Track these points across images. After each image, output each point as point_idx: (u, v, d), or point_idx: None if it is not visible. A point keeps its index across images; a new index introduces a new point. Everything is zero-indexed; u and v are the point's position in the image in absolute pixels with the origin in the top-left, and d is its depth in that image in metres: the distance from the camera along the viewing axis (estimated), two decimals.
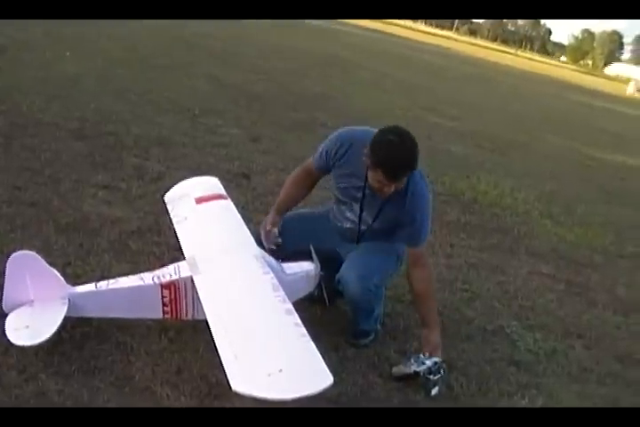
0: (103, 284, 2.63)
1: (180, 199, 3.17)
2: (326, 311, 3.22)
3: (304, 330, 2.17)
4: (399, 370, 2.88)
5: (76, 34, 9.41)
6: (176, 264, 2.72)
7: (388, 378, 2.88)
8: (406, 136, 2.75)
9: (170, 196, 3.28)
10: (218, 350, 2.11)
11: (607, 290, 4.72)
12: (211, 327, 2.23)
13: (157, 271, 2.70)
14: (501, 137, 10.85)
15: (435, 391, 2.82)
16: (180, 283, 2.63)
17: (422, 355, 2.87)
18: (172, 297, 2.64)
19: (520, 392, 3.04)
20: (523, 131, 12.30)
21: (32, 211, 3.71)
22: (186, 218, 3.00)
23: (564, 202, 7.09)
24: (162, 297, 2.63)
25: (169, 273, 2.67)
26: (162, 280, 2.63)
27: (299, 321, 2.22)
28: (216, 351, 2.11)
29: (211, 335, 2.19)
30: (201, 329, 2.51)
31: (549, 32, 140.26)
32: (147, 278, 2.65)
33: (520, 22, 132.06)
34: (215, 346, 2.13)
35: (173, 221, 3.03)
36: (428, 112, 11.28)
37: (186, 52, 11.20)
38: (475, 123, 11.73)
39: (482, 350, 3.38)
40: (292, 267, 2.85)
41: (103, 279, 2.69)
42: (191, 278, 2.57)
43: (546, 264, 4.96)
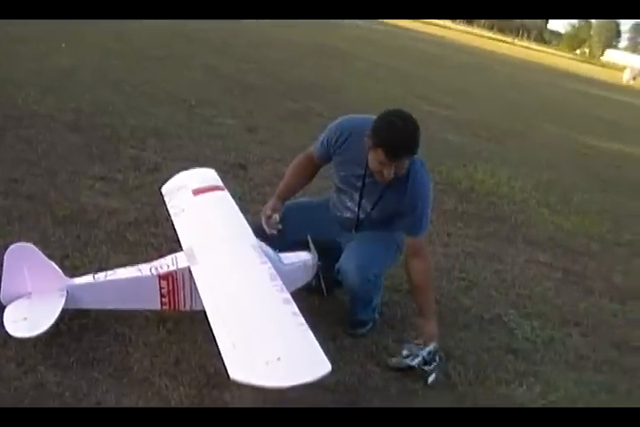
0: (101, 275, 2.63)
1: (178, 191, 3.17)
2: (324, 301, 3.23)
3: (302, 319, 2.18)
4: (395, 363, 2.89)
5: (71, 26, 9.35)
6: (174, 255, 2.72)
7: (386, 367, 2.89)
8: (409, 118, 2.77)
9: (167, 187, 3.29)
10: (216, 340, 2.11)
11: (604, 278, 4.73)
12: (209, 317, 2.23)
13: (155, 262, 2.70)
14: (498, 126, 10.84)
15: (431, 379, 2.84)
16: (178, 274, 2.63)
17: (416, 345, 2.88)
18: (170, 288, 2.64)
19: (518, 380, 3.06)
20: (519, 119, 12.28)
21: (29, 203, 3.70)
22: (183, 209, 3.00)
23: (561, 190, 7.09)
24: (160, 288, 2.64)
25: (167, 264, 2.67)
26: (159, 271, 2.63)
27: (296, 310, 2.22)
28: (214, 342, 2.11)
29: (209, 326, 2.19)
30: (199, 320, 2.51)
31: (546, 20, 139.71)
32: (144, 270, 2.65)
33: None
34: (213, 336, 2.14)
35: (171, 212, 3.03)
36: (424, 101, 11.21)
37: (182, 44, 11.14)
38: (471, 112, 11.71)
39: (479, 339, 3.39)
40: (290, 257, 2.85)
41: (101, 271, 2.69)
42: (189, 269, 2.58)
43: (543, 253, 4.97)
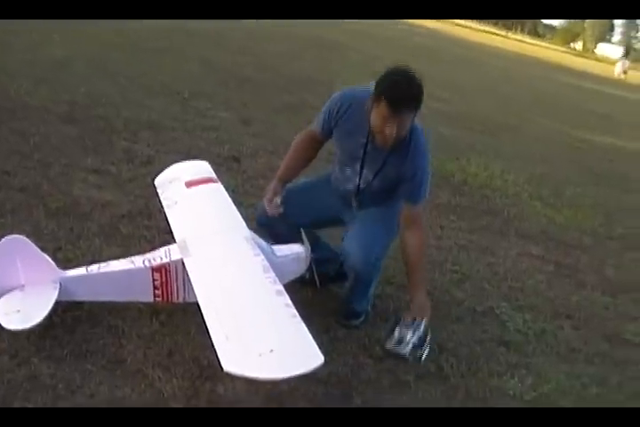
0: (94, 268, 2.63)
1: (171, 183, 3.17)
2: (317, 293, 3.24)
3: (295, 311, 2.18)
4: (391, 348, 2.88)
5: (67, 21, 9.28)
6: (167, 247, 2.72)
7: (379, 359, 2.91)
8: (413, 74, 2.78)
9: (160, 180, 3.28)
10: (209, 332, 2.12)
11: (596, 271, 4.76)
12: (202, 309, 2.23)
13: (148, 255, 2.70)
14: (491, 119, 10.84)
15: (424, 357, 2.87)
16: (171, 266, 2.63)
17: (406, 327, 2.86)
18: (163, 280, 2.64)
19: (509, 372, 3.08)
20: (513, 113, 12.29)
21: (22, 195, 3.69)
22: (176, 202, 3.00)
23: (554, 184, 7.11)
24: (153, 280, 2.64)
25: (160, 256, 2.67)
26: (153, 263, 2.63)
27: (289, 302, 2.23)
28: (207, 334, 2.12)
29: (202, 318, 2.19)
30: (192, 312, 2.52)
31: None
32: (137, 262, 2.65)
33: None
34: (206, 328, 2.14)
35: (164, 204, 3.03)
36: None
37: (180, 37, 11.07)
38: (464, 105, 11.71)
39: (472, 331, 3.41)
40: (283, 249, 2.85)
41: (94, 263, 2.69)
42: (182, 261, 2.58)
43: (535, 246, 4.99)
